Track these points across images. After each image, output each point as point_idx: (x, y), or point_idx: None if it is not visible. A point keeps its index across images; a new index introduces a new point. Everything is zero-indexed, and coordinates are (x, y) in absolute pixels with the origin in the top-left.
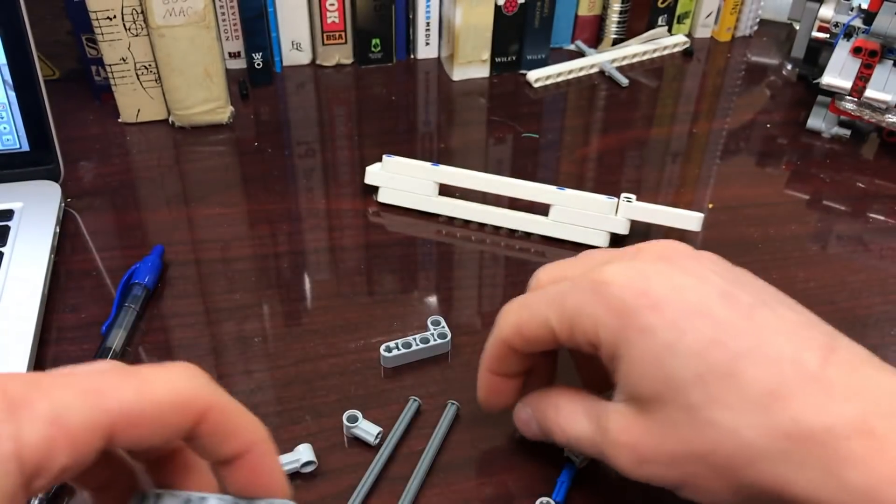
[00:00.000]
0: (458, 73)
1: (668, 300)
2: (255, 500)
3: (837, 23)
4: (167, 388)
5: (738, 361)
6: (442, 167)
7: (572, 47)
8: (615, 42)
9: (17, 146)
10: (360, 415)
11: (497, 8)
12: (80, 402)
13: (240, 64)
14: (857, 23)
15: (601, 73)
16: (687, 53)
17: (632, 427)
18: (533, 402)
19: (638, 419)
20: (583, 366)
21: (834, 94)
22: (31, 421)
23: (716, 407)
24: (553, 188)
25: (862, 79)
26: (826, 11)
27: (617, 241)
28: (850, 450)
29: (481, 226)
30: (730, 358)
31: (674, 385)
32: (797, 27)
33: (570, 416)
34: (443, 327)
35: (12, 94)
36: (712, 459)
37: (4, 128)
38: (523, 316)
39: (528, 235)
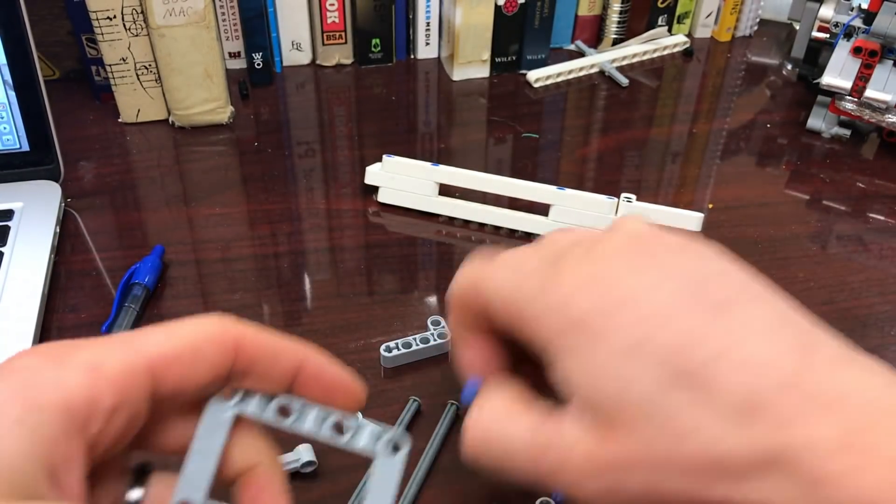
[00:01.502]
0: (458, 73)
1: (628, 301)
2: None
3: (837, 23)
4: (195, 326)
5: (709, 367)
6: (442, 167)
7: (572, 47)
8: (615, 42)
9: (17, 146)
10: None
11: (497, 8)
12: (115, 349)
13: (240, 64)
14: (857, 23)
15: (601, 73)
16: (687, 53)
17: (589, 443)
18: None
19: (596, 434)
20: None
21: (834, 94)
22: (72, 368)
23: (688, 416)
24: (553, 188)
25: (862, 79)
26: (826, 11)
27: None
28: (831, 467)
29: (481, 226)
30: (699, 364)
31: (638, 394)
32: (797, 27)
33: (508, 421)
34: (443, 327)
35: (12, 94)
36: (684, 470)
37: (4, 128)
38: (475, 276)
39: (528, 235)
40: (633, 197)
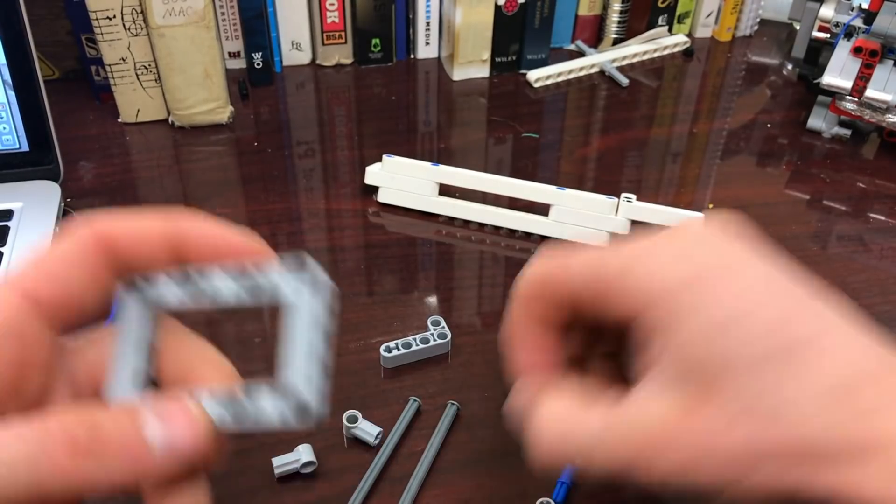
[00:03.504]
0: (458, 73)
1: (729, 273)
2: (265, 271)
3: (838, 23)
4: (62, 240)
5: (808, 347)
6: (442, 167)
7: (572, 47)
8: (615, 42)
9: (17, 146)
10: (359, 415)
11: (497, 7)
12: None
13: (240, 64)
14: (858, 22)
15: (601, 72)
16: (687, 53)
17: (676, 416)
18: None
19: (684, 406)
20: None
21: (834, 93)
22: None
23: (783, 393)
24: (553, 188)
25: (862, 79)
26: (826, 11)
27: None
28: None
29: (481, 226)
30: (798, 341)
31: (733, 366)
32: (797, 27)
33: (570, 414)
34: (443, 327)
35: (12, 94)
36: (776, 452)
37: (4, 128)
38: (552, 264)
39: (528, 235)
40: (634, 197)
